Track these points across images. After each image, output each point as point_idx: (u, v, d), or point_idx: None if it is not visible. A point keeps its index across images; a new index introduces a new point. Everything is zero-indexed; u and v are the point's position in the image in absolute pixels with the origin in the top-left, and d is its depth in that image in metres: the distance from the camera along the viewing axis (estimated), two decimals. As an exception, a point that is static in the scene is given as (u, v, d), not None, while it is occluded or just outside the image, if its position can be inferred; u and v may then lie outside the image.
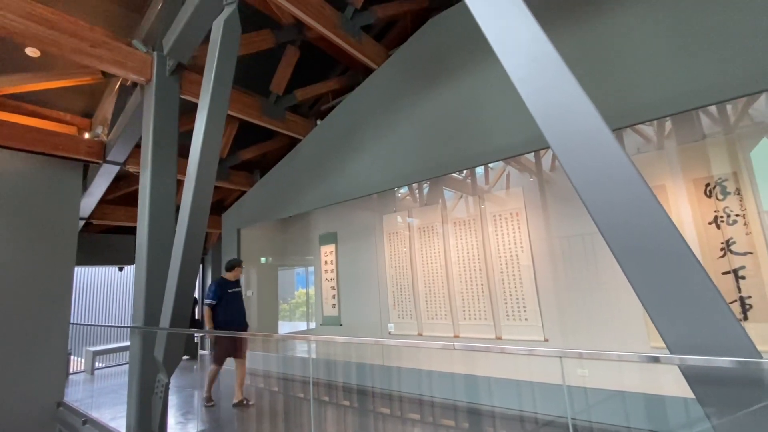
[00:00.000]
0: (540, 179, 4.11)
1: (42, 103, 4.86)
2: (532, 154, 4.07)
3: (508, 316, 3.92)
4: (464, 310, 4.23)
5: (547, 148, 3.49)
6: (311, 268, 6.68)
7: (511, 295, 3.93)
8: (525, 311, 3.83)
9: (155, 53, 3.68)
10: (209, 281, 9.31)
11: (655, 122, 3.49)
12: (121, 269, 9.52)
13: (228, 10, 2.95)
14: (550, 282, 3.81)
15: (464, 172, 4.69)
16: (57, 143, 4.72)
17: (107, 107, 4.94)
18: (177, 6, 3.63)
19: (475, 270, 4.20)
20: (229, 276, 4.39)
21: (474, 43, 3.76)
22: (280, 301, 7.50)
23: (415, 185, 5.21)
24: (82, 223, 6.52)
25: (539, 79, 1.38)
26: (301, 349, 5.95)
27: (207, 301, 4.20)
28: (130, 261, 8.91)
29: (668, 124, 3.54)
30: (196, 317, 8.97)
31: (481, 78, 3.66)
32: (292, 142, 6.19)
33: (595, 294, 3.56)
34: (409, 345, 2.54)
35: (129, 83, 4.45)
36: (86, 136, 5.07)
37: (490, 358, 3.74)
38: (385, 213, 5.34)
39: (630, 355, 1.40)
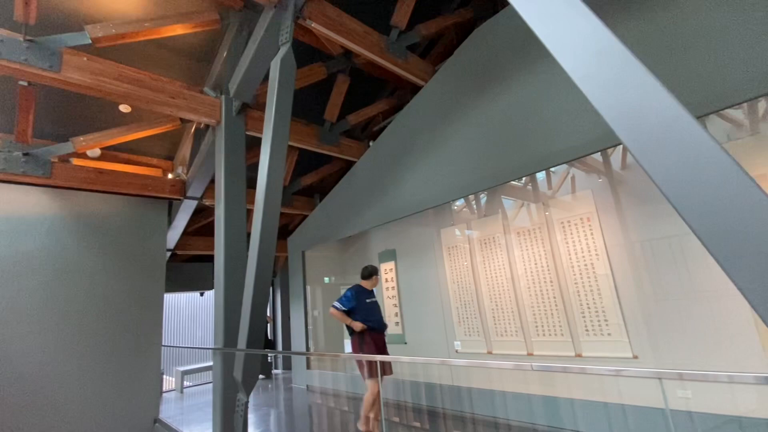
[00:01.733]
0: (610, 179, 3.79)
1: (133, 151, 5.57)
2: (599, 153, 3.79)
3: (587, 330, 3.60)
4: (537, 326, 3.96)
5: (616, 145, 3.23)
6: (373, 287, 6.74)
7: (589, 308, 3.61)
8: (607, 325, 3.49)
9: (223, 97, 4.06)
10: (279, 303, 9.77)
11: (745, 105, 3.08)
12: (201, 294, 10.37)
13: (283, 50, 3.18)
14: (633, 291, 3.45)
15: (523, 178, 4.49)
16: (146, 185, 5.36)
17: (185, 149, 5.53)
18: (239, 52, 4.00)
19: (545, 282, 3.94)
20: (367, 284, 3.99)
21: (524, 46, 3.65)
22: (344, 320, 7.61)
23: (471, 197, 5.09)
24: (168, 254, 7.26)
25: (604, 74, 1.29)
26: (368, 368, 5.96)
27: (336, 305, 3.79)
28: (210, 287, 9.71)
29: (762, 105, 3.10)
30: (269, 337, 9.43)
31: (536, 81, 3.52)
32: (348, 165, 6.41)
33: (689, 303, 3.15)
34: (478, 366, 2.40)
35: (202, 126, 4.95)
36: (169, 176, 5.69)
37: (571, 378, 3.44)
38: (442, 227, 5.27)
39: (745, 377, 1.20)
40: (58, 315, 4.68)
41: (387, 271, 6.07)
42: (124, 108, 4.82)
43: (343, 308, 3.77)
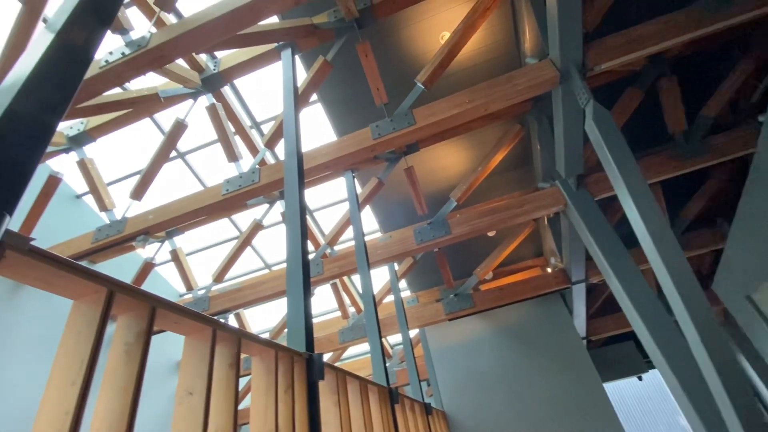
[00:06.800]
0: None
1: (512, 263, 6.52)
2: None
3: None
4: None
5: None
6: None
7: None
8: None
9: (557, 182, 4.29)
10: (753, 374, 7.12)
11: None
12: (640, 378, 9.18)
13: (589, 110, 3.14)
14: None
15: None
16: (535, 286, 5.95)
17: (548, 241, 5.92)
18: (549, 138, 4.27)
19: None
20: None
21: None
22: None
23: None
24: (584, 342, 7.23)
25: None
26: None
27: None
28: (643, 367, 8.53)
29: None
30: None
31: None
32: (740, 164, 4.73)
33: None
34: None
35: (552, 215, 5.26)
36: (548, 270, 6.12)
37: None
38: None
39: None
40: (526, 419, 5.36)
41: None
42: (490, 233, 5.95)
43: None
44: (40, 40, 1.18)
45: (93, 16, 1.27)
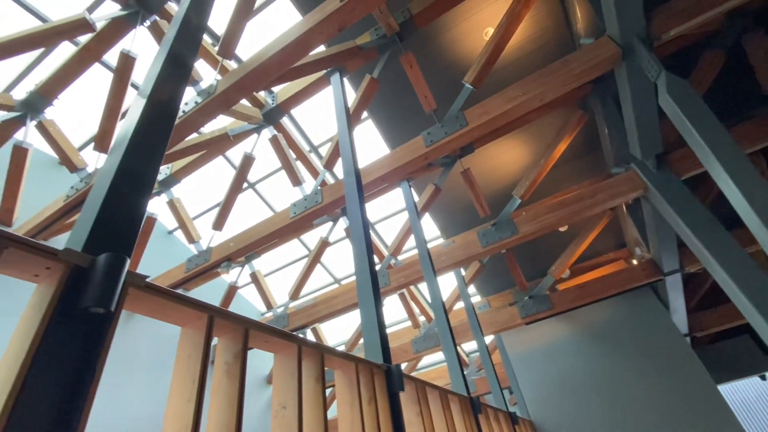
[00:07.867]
0: None
1: (590, 258, 6.04)
2: None
3: None
4: None
5: None
6: None
7: None
8: None
9: (633, 165, 3.93)
10: None
11: None
12: (763, 378, 7.91)
13: (662, 83, 2.85)
14: None
15: None
16: (620, 280, 5.44)
17: (630, 230, 5.40)
18: (617, 120, 3.94)
19: None
20: None
21: None
22: None
23: None
24: (687, 340, 6.42)
25: None
26: None
27: None
28: (766, 365, 7.34)
29: None
30: None
31: None
32: None
33: None
34: None
35: (630, 201, 4.80)
36: (633, 262, 5.57)
37: None
38: None
39: None
40: (627, 427, 4.86)
41: None
42: (562, 228, 5.58)
43: None
44: (135, 104, 1.38)
45: (174, 77, 1.46)
